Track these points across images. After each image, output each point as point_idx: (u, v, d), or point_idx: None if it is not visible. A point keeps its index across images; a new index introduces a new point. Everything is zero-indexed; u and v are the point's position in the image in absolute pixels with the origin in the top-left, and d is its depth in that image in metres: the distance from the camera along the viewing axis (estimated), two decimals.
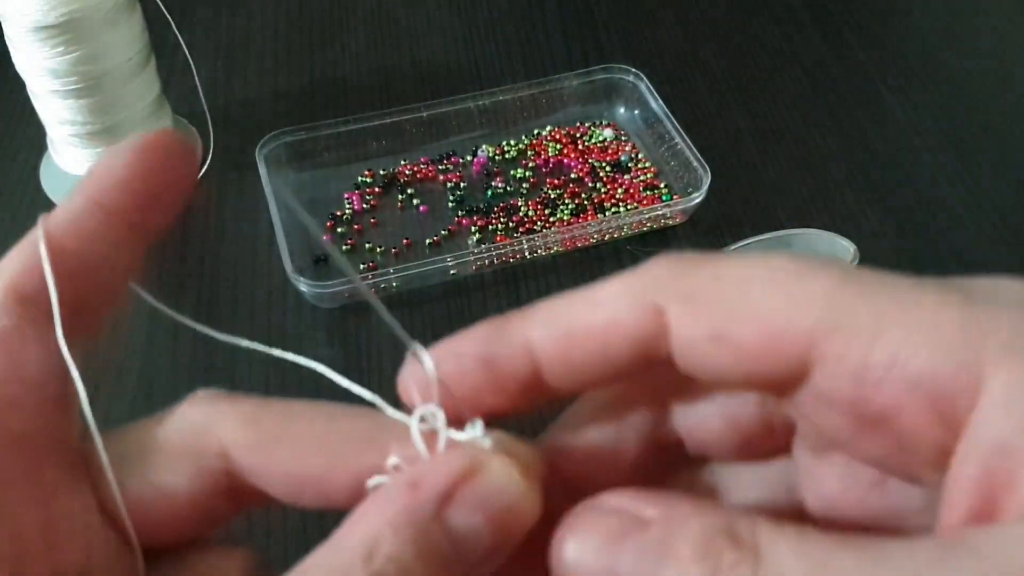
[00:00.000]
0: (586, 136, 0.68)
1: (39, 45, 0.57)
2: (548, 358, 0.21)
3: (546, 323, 0.21)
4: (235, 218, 0.64)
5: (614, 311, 0.20)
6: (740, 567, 0.17)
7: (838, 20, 0.79)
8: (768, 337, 0.19)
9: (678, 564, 0.18)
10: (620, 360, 0.20)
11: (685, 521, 0.18)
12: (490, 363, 0.21)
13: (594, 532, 0.19)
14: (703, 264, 0.20)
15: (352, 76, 0.74)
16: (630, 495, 0.20)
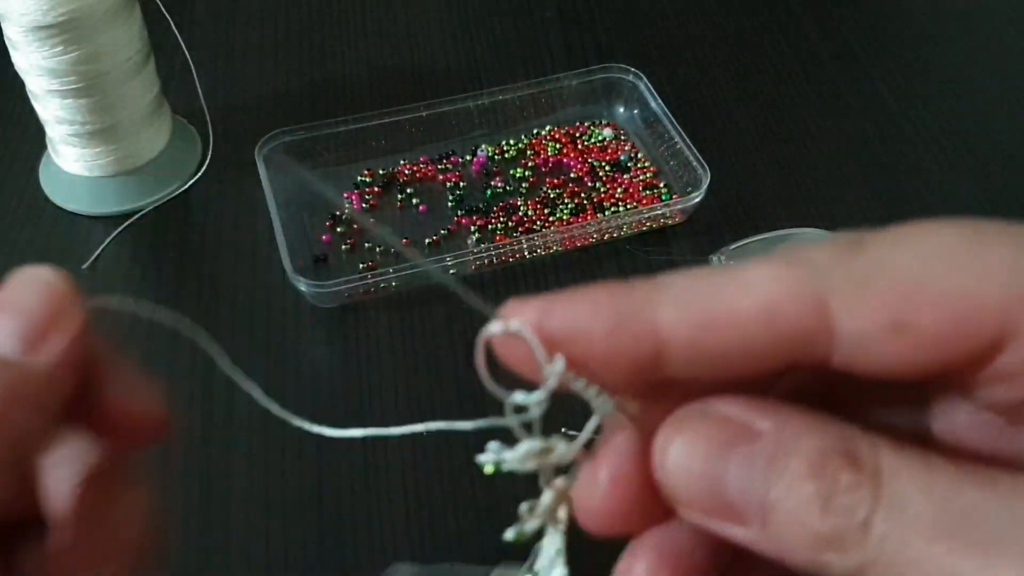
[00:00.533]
0: (585, 136, 0.68)
1: (38, 45, 0.57)
2: (677, 343, 0.18)
3: (682, 303, 0.18)
4: (235, 218, 0.64)
5: (768, 299, 0.17)
6: (859, 490, 0.16)
7: (838, 19, 0.79)
8: (956, 317, 0.17)
9: (790, 479, 0.17)
10: (764, 357, 0.18)
11: (799, 436, 0.17)
12: (610, 336, 0.18)
13: (701, 438, 0.18)
14: (864, 245, 0.18)
15: (351, 76, 0.74)
16: (741, 403, 0.18)
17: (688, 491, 0.18)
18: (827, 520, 0.17)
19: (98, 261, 0.61)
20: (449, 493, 0.50)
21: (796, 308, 0.17)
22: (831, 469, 0.17)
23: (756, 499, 0.17)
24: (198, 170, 0.66)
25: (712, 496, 0.18)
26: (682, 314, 0.18)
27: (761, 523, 0.17)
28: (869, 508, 0.16)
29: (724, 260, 0.60)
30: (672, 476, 0.19)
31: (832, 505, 0.17)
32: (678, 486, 0.19)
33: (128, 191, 0.64)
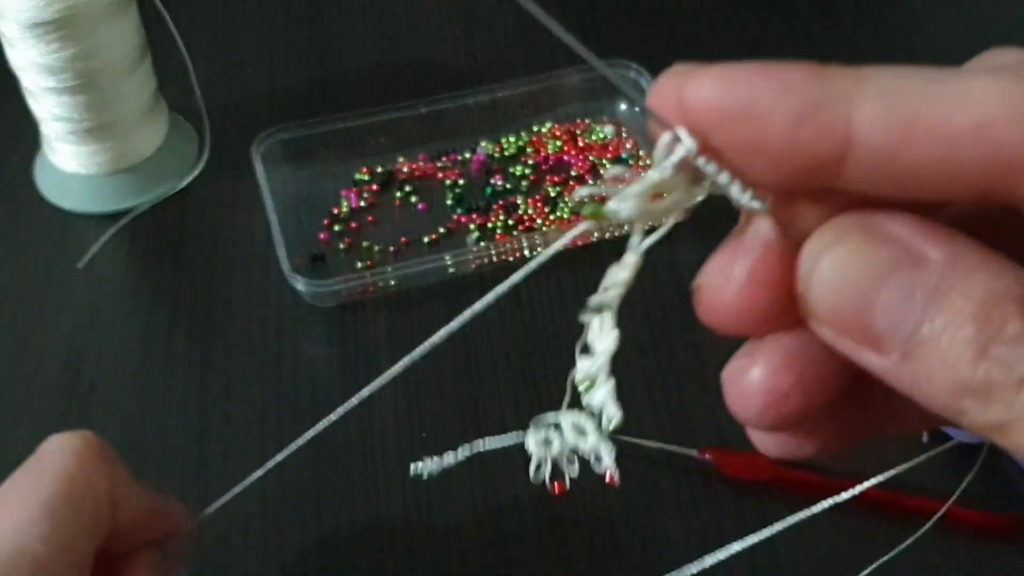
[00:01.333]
0: (587, 133, 0.68)
1: (34, 41, 0.56)
2: (869, 147, 0.16)
3: (886, 102, 0.16)
4: (232, 216, 0.63)
5: (987, 114, 0.15)
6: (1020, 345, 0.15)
7: (842, 17, 0.78)
8: None
9: (950, 316, 0.16)
10: (961, 182, 0.16)
11: (971, 272, 0.16)
12: (794, 124, 0.16)
13: (860, 254, 0.17)
14: None
15: (349, 72, 0.73)
16: (913, 224, 0.17)
17: (832, 308, 0.17)
18: (980, 367, 0.15)
19: (94, 260, 0.60)
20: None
21: (1016, 132, 0.15)
22: (999, 314, 0.15)
23: (906, 329, 0.16)
24: (195, 168, 0.65)
25: (858, 318, 0.17)
26: (884, 114, 0.16)
27: (903, 355, 0.16)
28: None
29: None
30: (818, 288, 0.17)
31: (990, 353, 0.15)
32: (822, 300, 0.17)
33: (124, 189, 0.63)
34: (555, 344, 0.56)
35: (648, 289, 0.59)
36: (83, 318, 0.57)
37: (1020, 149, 0.15)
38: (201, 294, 0.59)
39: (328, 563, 0.48)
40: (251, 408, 0.53)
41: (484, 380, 0.54)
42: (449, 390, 0.54)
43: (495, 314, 0.58)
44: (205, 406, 0.53)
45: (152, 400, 0.54)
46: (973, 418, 0.16)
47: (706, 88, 0.17)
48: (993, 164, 0.15)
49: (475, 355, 0.55)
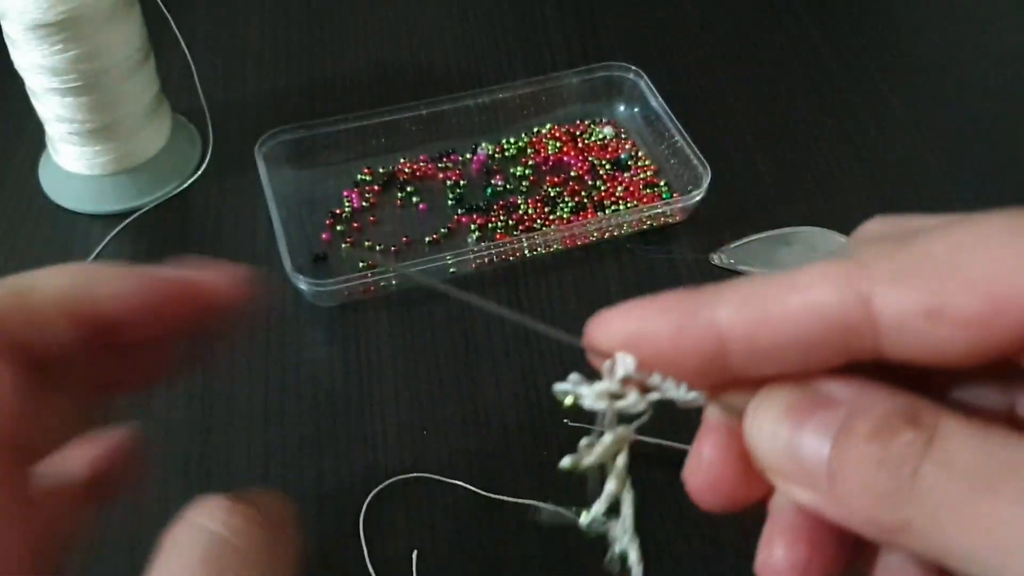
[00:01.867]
0: (586, 134, 0.68)
1: (37, 43, 0.57)
2: (737, 340, 0.20)
3: (739, 303, 0.20)
4: (234, 216, 0.63)
5: (815, 295, 0.19)
6: (912, 445, 0.17)
7: (839, 17, 0.79)
8: (992, 303, 0.17)
9: (855, 441, 0.18)
10: (815, 351, 0.19)
11: (871, 403, 0.18)
12: (676, 335, 0.20)
13: (784, 405, 0.20)
14: (908, 239, 0.19)
15: (351, 74, 0.74)
16: (827, 378, 0.20)
17: (770, 456, 0.20)
18: (880, 475, 0.17)
19: (98, 260, 0.61)
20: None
21: (841, 303, 0.19)
22: (889, 428, 0.18)
23: (826, 461, 0.19)
24: (198, 168, 0.66)
25: (791, 460, 0.19)
26: (739, 313, 0.20)
27: (830, 487, 0.18)
28: (918, 459, 0.17)
29: (725, 259, 0.60)
30: (756, 441, 0.20)
31: (886, 461, 0.17)
32: (762, 451, 0.20)
33: (128, 189, 0.64)
34: (555, 344, 0.56)
35: (647, 289, 0.59)
36: None
37: (843, 315, 0.19)
38: None
39: (329, 557, 0.48)
40: (253, 406, 0.54)
41: (484, 376, 0.55)
42: (449, 389, 0.54)
43: (495, 315, 0.58)
44: (207, 404, 0.54)
45: (154, 399, 0.54)
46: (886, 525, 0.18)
47: (614, 325, 0.21)
48: (830, 330, 0.19)
49: (475, 351, 0.56)
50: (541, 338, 0.57)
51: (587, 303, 0.58)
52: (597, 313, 0.22)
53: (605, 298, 0.59)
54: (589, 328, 0.22)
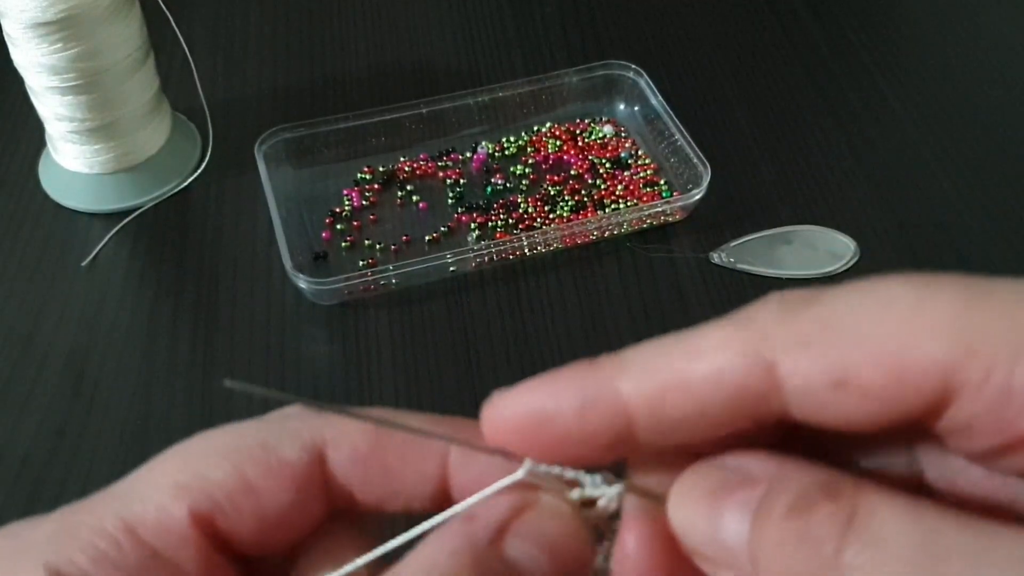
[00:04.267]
0: (586, 132, 0.68)
1: (38, 41, 0.57)
2: (641, 414, 0.19)
3: (639, 375, 0.19)
4: (234, 215, 0.63)
5: (717, 364, 0.18)
6: (831, 522, 0.17)
7: (839, 16, 0.79)
8: (896, 374, 0.17)
9: (775, 519, 0.18)
10: (722, 418, 0.19)
11: (789, 479, 0.18)
12: (581, 414, 0.19)
13: (702, 488, 0.19)
14: (809, 304, 0.18)
15: (351, 72, 0.74)
16: (745, 455, 0.19)
17: (695, 540, 0.19)
18: (801, 553, 0.17)
19: (98, 258, 0.61)
20: None
21: (744, 370, 0.18)
22: (807, 504, 0.17)
23: (749, 539, 0.18)
24: (198, 167, 0.66)
25: (715, 544, 0.19)
26: (640, 386, 0.19)
27: (754, 563, 0.18)
28: (839, 539, 0.17)
29: (724, 257, 0.60)
30: (679, 528, 0.19)
31: (806, 538, 0.17)
32: (686, 536, 0.19)
33: (128, 188, 0.64)
34: (554, 339, 0.56)
35: (647, 288, 0.59)
36: (87, 316, 0.58)
37: (747, 383, 0.18)
38: (204, 292, 0.59)
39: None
40: (253, 404, 0.53)
41: (484, 376, 0.55)
42: (449, 385, 0.54)
43: (495, 309, 0.58)
44: (208, 402, 0.54)
45: (155, 396, 0.54)
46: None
47: (511, 408, 0.20)
48: (734, 398, 0.18)
49: (475, 351, 0.56)
50: (540, 336, 0.57)
51: (587, 302, 0.58)
52: (491, 396, 0.21)
53: (605, 297, 0.59)
54: (485, 414, 0.21)
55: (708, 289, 0.59)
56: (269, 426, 0.22)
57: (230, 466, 0.21)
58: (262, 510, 0.21)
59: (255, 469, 0.21)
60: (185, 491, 0.21)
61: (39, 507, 0.49)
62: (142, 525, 0.20)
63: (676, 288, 0.59)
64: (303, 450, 0.22)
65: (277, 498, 0.21)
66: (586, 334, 0.57)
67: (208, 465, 0.21)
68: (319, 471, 0.22)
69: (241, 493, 0.21)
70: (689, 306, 0.58)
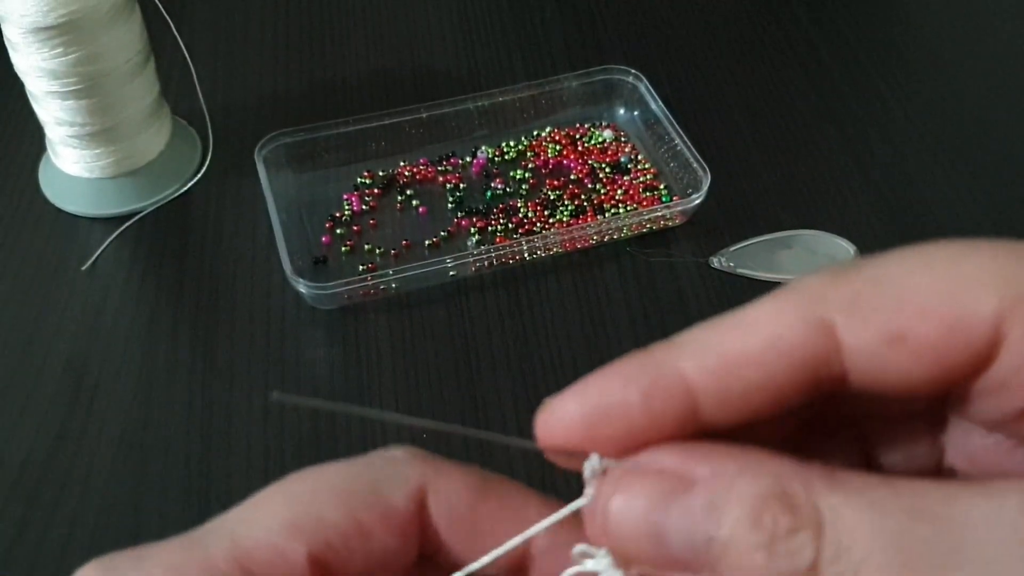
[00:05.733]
0: (586, 137, 0.68)
1: (38, 46, 0.57)
2: (705, 390, 0.19)
3: (700, 352, 0.19)
4: (234, 219, 0.63)
5: (775, 331, 0.18)
6: (798, 536, 0.16)
7: (839, 21, 0.79)
8: (950, 326, 0.17)
9: (731, 528, 0.17)
10: (787, 385, 0.18)
11: (735, 480, 0.18)
12: (646, 402, 0.19)
13: (640, 492, 0.18)
14: (860, 268, 0.18)
15: (351, 77, 0.74)
16: (677, 451, 0.19)
17: (636, 548, 0.19)
18: (773, 567, 0.17)
19: (97, 262, 0.61)
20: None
21: (803, 333, 0.18)
22: (768, 515, 0.17)
23: (702, 551, 0.18)
24: (198, 171, 0.66)
25: (658, 551, 0.18)
26: (702, 363, 0.19)
27: (712, 574, 0.18)
28: (813, 552, 0.16)
29: (724, 262, 0.60)
30: (616, 536, 0.19)
31: (775, 552, 0.17)
32: (625, 545, 0.19)
33: (128, 192, 0.64)
34: (555, 343, 0.56)
35: (647, 292, 0.59)
36: (87, 320, 0.58)
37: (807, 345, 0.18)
38: (204, 296, 0.59)
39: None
40: (253, 408, 0.54)
41: (484, 380, 0.55)
42: (449, 390, 0.54)
43: (495, 314, 0.58)
44: (207, 407, 0.54)
45: (155, 401, 0.54)
46: None
47: (569, 411, 0.20)
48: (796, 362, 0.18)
49: (475, 355, 0.56)
50: (540, 340, 0.57)
51: (587, 306, 0.58)
52: (543, 404, 0.20)
53: (605, 301, 0.59)
54: (542, 419, 0.20)
55: (708, 293, 0.59)
56: (377, 467, 0.22)
57: (344, 508, 0.21)
58: (371, 554, 0.21)
59: (368, 513, 0.21)
60: (300, 531, 0.20)
61: (38, 511, 0.49)
62: (255, 563, 0.20)
63: (676, 292, 0.59)
64: (410, 496, 0.22)
65: (385, 543, 0.21)
66: (586, 338, 0.57)
67: (322, 505, 0.21)
68: (420, 518, 0.22)
69: (355, 537, 0.21)
70: (689, 310, 0.58)
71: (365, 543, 0.21)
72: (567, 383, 0.20)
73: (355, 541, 0.21)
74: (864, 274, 0.18)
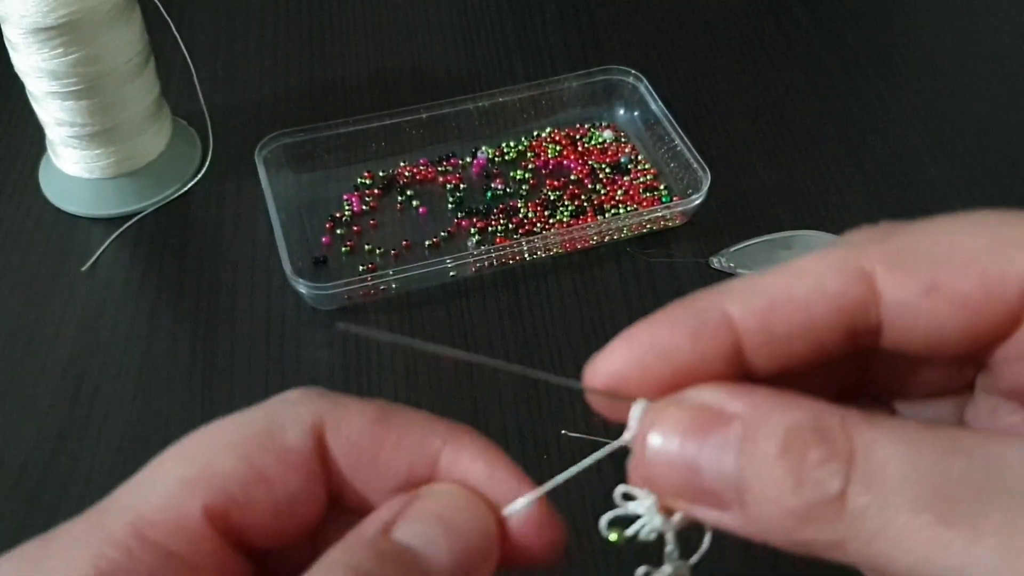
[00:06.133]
0: (586, 137, 0.68)
1: (38, 47, 0.57)
2: (750, 331, 0.19)
3: (746, 295, 0.20)
4: (234, 220, 0.63)
5: (819, 280, 0.19)
6: (829, 464, 0.17)
7: (838, 21, 0.79)
8: (985, 282, 0.18)
9: (762, 460, 0.18)
10: (827, 332, 0.19)
11: (770, 416, 0.18)
12: (694, 341, 0.20)
13: (676, 426, 0.19)
14: (905, 226, 0.20)
15: (351, 77, 0.74)
16: (717, 388, 0.19)
17: (669, 480, 0.19)
18: (800, 495, 0.17)
19: (98, 263, 0.61)
20: None
21: (844, 281, 0.19)
22: (800, 446, 0.17)
23: (732, 483, 0.18)
24: (198, 172, 0.66)
25: (691, 483, 0.19)
26: (749, 305, 0.19)
27: (740, 506, 0.18)
28: (842, 481, 0.17)
29: (724, 262, 0.60)
30: (652, 467, 0.19)
31: (804, 481, 0.17)
32: (659, 476, 0.19)
33: (128, 193, 0.64)
34: (555, 344, 0.56)
35: (647, 293, 0.59)
36: (87, 321, 0.58)
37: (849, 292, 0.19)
38: (204, 296, 0.59)
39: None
40: None
41: (484, 380, 0.55)
42: (449, 392, 0.54)
43: (495, 314, 0.58)
44: (208, 408, 0.54)
45: (155, 402, 0.54)
46: (820, 544, 0.17)
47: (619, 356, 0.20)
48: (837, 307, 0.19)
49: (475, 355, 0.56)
50: (541, 341, 0.57)
51: (587, 307, 0.58)
52: (596, 354, 0.20)
53: (605, 302, 0.59)
54: (591, 368, 0.21)
55: None
56: (270, 412, 0.22)
57: (238, 456, 0.21)
58: (274, 499, 0.21)
59: (263, 457, 0.21)
60: (196, 486, 0.20)
61: (38, 513, 0.49)
62: (153, 527, 0.20)
63: (676, 293, 0.59)
64: (306, 434, 0.21)
65: (287, 485, 0.21)
66: (586, 339, 0.57)
67: (215, 457, 0.21)
68: (321, 456, 0.22)
69: (253, 483, 0.21)
70: None
71: (265, 488, 0.21)
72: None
73: (254, 487, 0.21)
74: (906, 231, 0.20)
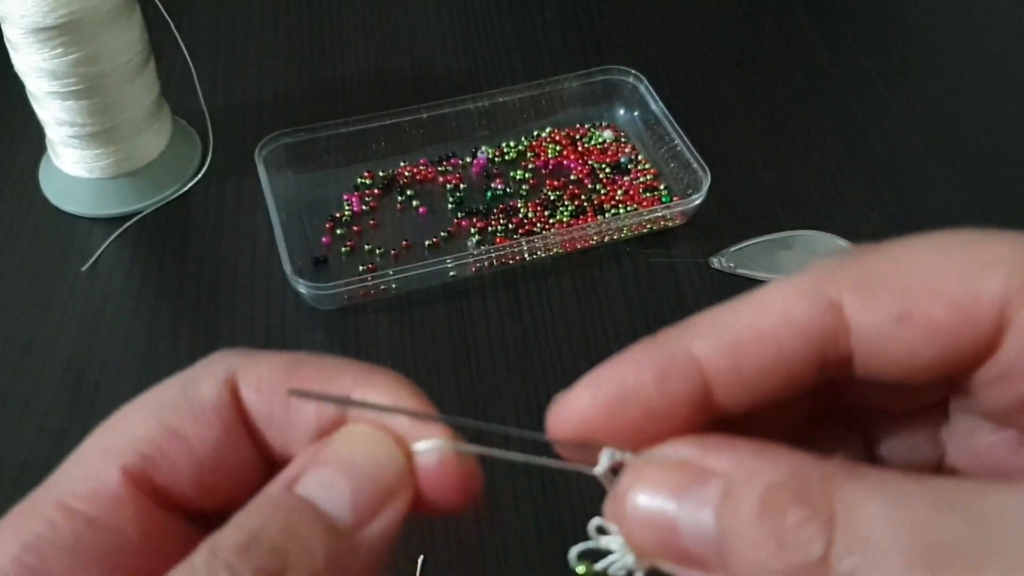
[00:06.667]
0: (586, 137, 0.68)
1: (38, 46, 0.57)
2: (718, 371, 0.19)
3: (710, 333, 0.19)
4: (234, 220, 0.63)
5: (786, 311, 0.18)
6: (809, 526, 0.16)
7: (838, 21, 0.79)
8: (957, 307, 0.17)
9: (742, 520, 0.17)
10: (797, 365, 0.18)
11: (751, 474, 0.17)
12: (659, 383, 0.19)
13: (655, 484, 0.18)
14: (871, 251, 0.19)
15: (352, 77, 0.74)
16: (697, 443, 0.19)
17: (650, 542, 0.18)
18: (781, 559, 0.16)
19: (98, 263, 0.61)
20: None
21: (812, 312, 0.18)
22: (779, 505, 0.17)
23: (713, 545, 0.17)
24: (198, 172, 0.66)
25: (673, 545, 0.18)
26: (715, 343, 0.19)
27: (723, 566, 0.17)
28: (823, 544, 0.16)
29: (724, 262, 0.60)
30: (633, 528, 0.19)
31: (785, 543, 0.16)
32: (640, 539, 0.19)
33: (128, 193, 0.64)
34: (555, 344, 0.56)
35: (647, 293, 0.59)
36: (87, 320, 0.58)
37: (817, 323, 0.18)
38: (204, 297, 0.59)
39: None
40: None
41: (484, 380, 0.55)
42: (449, 390, 0.54)
43: (495, 314, 0.58)
44: None
45: None
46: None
47: (584, 400, 0.19)
48: (806, 340, 0.18)
49: (475, 355, 0.56)
50: (541, 341, 0.57)
51: (587, 307, 0.58)
52: (556, 398, 0.20)
53: (605, 302, 0.59)
54: (555, 412, 0.20)
55: (708, 294, 0.59)
56: (186, 373, 0.22)
57: (154, 419, 0.21)
58: (193, 455, 0.21)
59: (178, 416, 0.21)
60: (111, 453, 0.20)
61: None
62: (76, 498, 0.20)
63: (676, 293, 0.59)
64: (219, 388, 0.21)
65: (205, 440, 0.21)
66: (586, 339, 0.57)
67: (133, 424, 0.21)
68: (238, 409, 0.21)
69: (168, 442, 0.21)
70: (689, 311, 0.57)
71: (181, 444, 0.21)
72: (567, 383, 0.20)
73: (170, 445, 0.21)
74: (873, 256, 0.19)
